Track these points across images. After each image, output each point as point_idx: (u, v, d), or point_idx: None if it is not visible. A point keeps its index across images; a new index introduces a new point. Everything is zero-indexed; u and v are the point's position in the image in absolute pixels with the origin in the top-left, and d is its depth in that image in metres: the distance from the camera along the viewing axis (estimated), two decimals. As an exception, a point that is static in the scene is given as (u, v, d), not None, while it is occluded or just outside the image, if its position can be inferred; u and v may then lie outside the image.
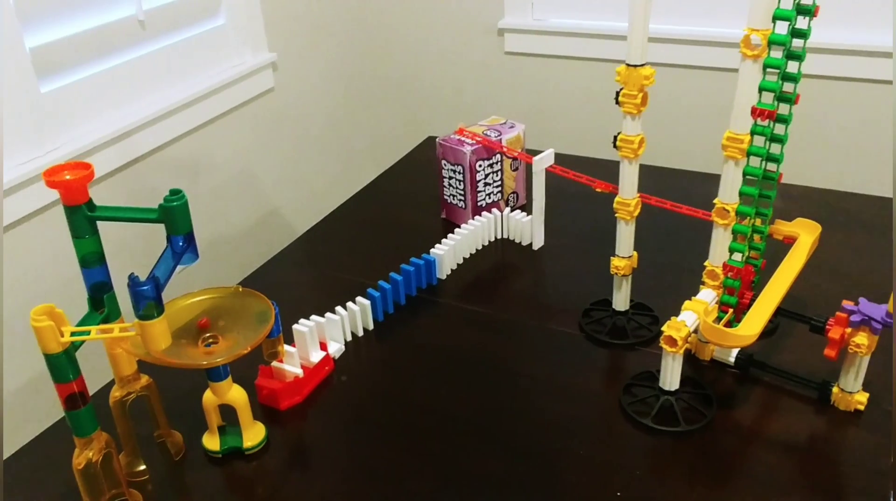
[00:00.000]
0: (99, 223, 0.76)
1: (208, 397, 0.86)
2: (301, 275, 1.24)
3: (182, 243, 0.76)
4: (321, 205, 2.37)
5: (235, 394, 0.86)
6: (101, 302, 0.78)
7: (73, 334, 0.70)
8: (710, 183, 1.39)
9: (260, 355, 0.91)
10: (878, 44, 1.87)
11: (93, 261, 0.77)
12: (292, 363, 0.97)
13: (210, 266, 1.99)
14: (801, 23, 0.81)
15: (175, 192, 0.75)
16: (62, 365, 0.70)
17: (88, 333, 0.70)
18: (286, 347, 0.96)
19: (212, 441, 0.89)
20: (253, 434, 0.89)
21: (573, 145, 2.38)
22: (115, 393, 0.83)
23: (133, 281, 0.69)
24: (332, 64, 2.36)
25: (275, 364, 0.96)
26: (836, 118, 2.02)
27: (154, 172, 1.78)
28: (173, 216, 0.75)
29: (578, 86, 2.29)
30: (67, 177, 0.73)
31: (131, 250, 1.74)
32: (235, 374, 0.88)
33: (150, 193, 1.77)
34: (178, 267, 0.76)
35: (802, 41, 0.82)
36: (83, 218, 0.75)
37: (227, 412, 0.89)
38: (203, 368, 0.79)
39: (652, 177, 1.43)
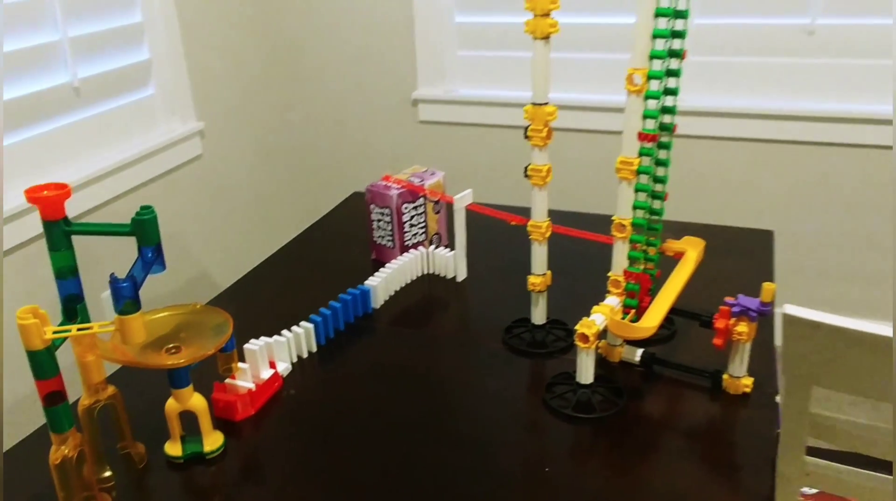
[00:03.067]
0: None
1: (171, 404, 0.93)
2: (239, 313, 1.32)
3: (151, 254, 0.85)
4: (249, 269, 2.44)
5: (196, 401, 0.93)
6: (74, 313, 0.85)
7: (55, 332, 0.77)
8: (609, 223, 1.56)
9: (216, 373, 0.99)
10: (752, 108, 2.15)
11: (67, 274, 0.84)
12: (245, 379, 1.05)
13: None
14: (675, 64, 0.99)
15: (146, 208, 0.84)
16: (45, 362, 0.77)
17: (70, 331, 0.77)
18: (239, 364, 1.04)
19: (174, 448, 0.95)
20: (213, 440, 0.96)
21: (486, 201, 2.55)
22: (84, 402, 0.88)
23: (114, 280, 0.77)
24: (258, 132, 2.48)
25: (228, 380, 1.04)
26: (716, 171, 2.27)
27: (84, 236, 1.82)
28: (144, 229, 0.84)
29: (489, 151, 2.48)
30: (46, 194, 0.82)
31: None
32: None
33: (78, 256, 1.81)
34: (148, 276, 0.84)
35: (676, 79, 0.99)
36: (60, 232, 0.83)
37: (187, 424, 0.96)
38: (168, 368, 0.86)
39: (564, 220, 1.59)
